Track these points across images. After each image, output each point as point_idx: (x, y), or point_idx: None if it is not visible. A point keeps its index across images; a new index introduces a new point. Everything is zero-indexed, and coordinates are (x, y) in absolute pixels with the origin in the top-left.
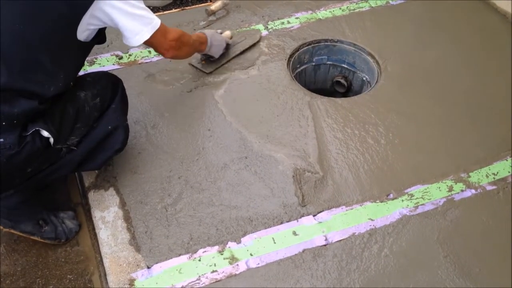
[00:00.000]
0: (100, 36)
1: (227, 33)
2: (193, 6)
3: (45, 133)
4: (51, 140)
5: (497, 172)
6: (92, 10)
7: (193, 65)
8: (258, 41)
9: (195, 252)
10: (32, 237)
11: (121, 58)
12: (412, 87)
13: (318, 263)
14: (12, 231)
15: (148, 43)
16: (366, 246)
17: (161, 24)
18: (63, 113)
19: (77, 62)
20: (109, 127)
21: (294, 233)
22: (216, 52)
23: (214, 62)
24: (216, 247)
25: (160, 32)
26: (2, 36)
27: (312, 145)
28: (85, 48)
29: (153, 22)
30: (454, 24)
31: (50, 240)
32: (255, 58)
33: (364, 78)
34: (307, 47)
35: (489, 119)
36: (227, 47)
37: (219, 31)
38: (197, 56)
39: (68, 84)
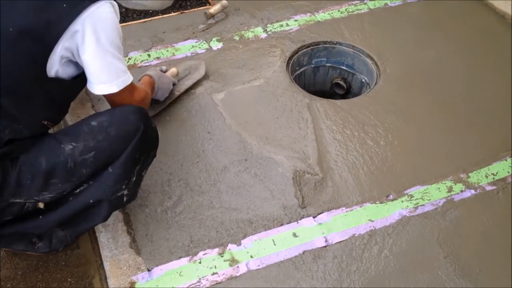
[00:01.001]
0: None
1: (173, 70)
2: (192, 10)
3: None
4: None
5: (497, 173)
6: (64, 41)
7: None
8: (204, 76)
9: (196, 255)
10: (26, 253)
11: None
12: (411, 89)
13: (318, 264)
14: (5, 249)
15: (110, 100)
16: (366, 247)
17: (131, 81)
18: (31, 164)
19: (48, 101)
20: (91, 200)
21: (294, 235)
22: (161, 95)
23: (158, 104)
24: (217, 249)
25: (127, 90)
26: None
27: (311, 147)
28: (62, 84)
29: (125, 76)
30: (452, 25)
31: (45, 253)
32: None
33: (363, 80)
34: (306, 49)
35: (488, 120)
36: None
37: (164, 68)
38: None
39: (37, 125)
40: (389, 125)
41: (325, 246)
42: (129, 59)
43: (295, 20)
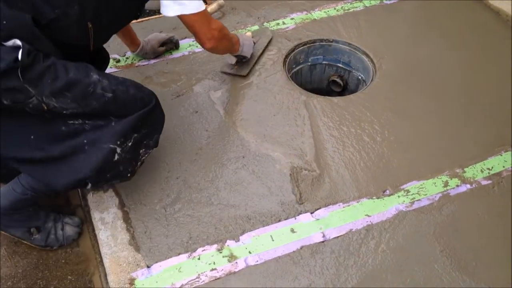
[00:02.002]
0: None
1: (248, 33)
2: None
3: (19, 54)
4: (19, 56)
5: (492, 167)
6: None
7: (226, 73)
8: (271, 39)
9: (194, 251)
10: (22, 241)
11: (118, 61)
12: (407, 85)
13: (316, 259)
14: (3, 232)
15: (190, 25)
16: (363, 242)
17: (206, 10)
18: (60, 68)
19: (99, 5)
20: (85, 140)
21: (292, 231)
22: (247, 51)
23: (246, 63)
24: (215, 246)
25: (204, 16)
26: None
27: (308, 143)
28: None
29: (197, 4)
30: (447, 22)
31: (39, 247)
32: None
33: (360, 77)
34: (302, 47)
35: (483, 115)
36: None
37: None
38: (226, 63)
39: (81, 26)
40: (385, 121)
41: (322, 241)
42: (127, 58)
43: (292, 19)
